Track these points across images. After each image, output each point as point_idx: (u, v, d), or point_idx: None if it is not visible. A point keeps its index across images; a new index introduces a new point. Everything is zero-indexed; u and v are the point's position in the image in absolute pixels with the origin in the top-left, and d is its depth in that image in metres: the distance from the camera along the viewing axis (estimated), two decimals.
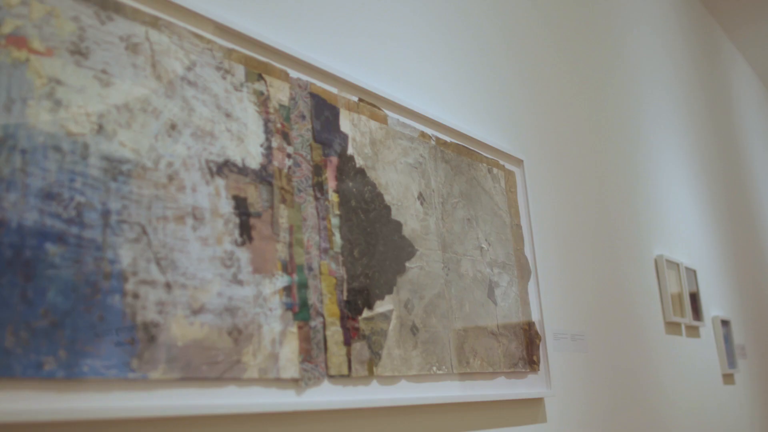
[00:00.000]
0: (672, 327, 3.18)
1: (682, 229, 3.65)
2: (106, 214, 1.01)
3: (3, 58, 0.94)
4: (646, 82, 3.66)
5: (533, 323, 2.01)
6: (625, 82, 3.36)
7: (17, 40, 0.96)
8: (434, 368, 1.57)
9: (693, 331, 3.43)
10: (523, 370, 1.91)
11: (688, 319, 3.27)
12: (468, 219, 1.85)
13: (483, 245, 1.88)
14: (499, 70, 2.29)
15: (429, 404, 1.56)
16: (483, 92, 2.16)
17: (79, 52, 1.04)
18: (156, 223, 1.07)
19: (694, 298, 3.44)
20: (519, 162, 2.16)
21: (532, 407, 1.97)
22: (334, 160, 1.45)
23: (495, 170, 2.03)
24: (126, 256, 1.02)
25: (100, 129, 1.03)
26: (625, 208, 3.01)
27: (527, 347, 1.95)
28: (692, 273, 3.47)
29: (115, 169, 1.04)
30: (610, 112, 3.11)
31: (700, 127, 4.49)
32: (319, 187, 1.39)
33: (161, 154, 1.11)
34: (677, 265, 3.31)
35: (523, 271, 2.04)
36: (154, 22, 1.16)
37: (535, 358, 1.97)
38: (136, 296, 1.02)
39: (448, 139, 1.85)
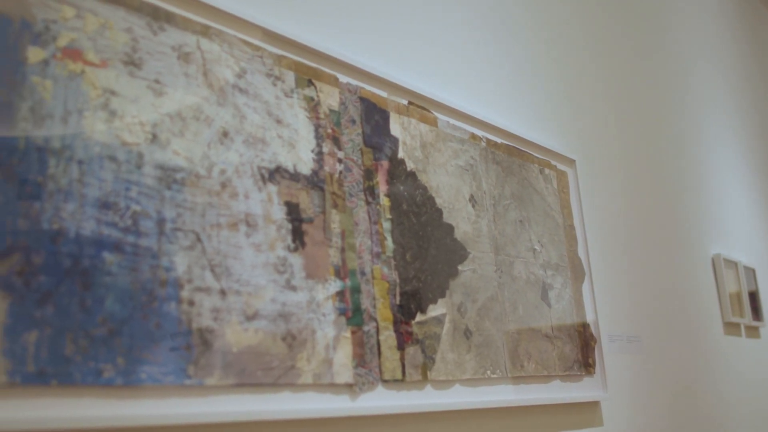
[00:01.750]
0: (731, 328, 3.11)
1: (740, 226, 3.57)
2: (161, 222, 1.02)
3: (59, 70, 0.96)
4: (700, 75, 3.59)
5: (588, 325, 1.99)
6: (677, 75, 3.30)
7: (73, 52, 0.98)
8: (488, 372, 1.56)
9: (753, 332, 3.35)
10: (579, 373, 1.88)
11: (748, 319, 3.20)
12: (520, 220, 1.83)
13: (536, 247, 1.86)
14: (549, 70, 2.27)
15: (483, 408, 1.55)
16: (533, 93, 2.14)
17: (132, 63, 1.05)
18: (210, 231, 1.08)
19: (754, 297, 3.36)
20: (571, 162, 2.14)
21: (588, 411, 1.94)
22: (385, 163, 1.45)
23: (547, 171, 2.01)
24: (181, 263, 1.03)
25: (154, 138, 1.05)
26: (681, 205, 2.95)
27: (582, 350, 1.93)
28: (751, 272, 3.39)
29: (169, 177, 1.05)
30: (663, 107, 3.06)
31: (758, 120, 4.39)
32: (371, 191, 1.39)
33: (214, 162, 1.12)
34: (735, 263, 3.23)
35: (577, 272, 2.02)
36: (204, 31, 1.17)
37: (590, 360, 1.95)
38: (191, 303, 1.03)
39: (498, 140, 1.84)
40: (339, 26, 1.50)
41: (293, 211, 1.22)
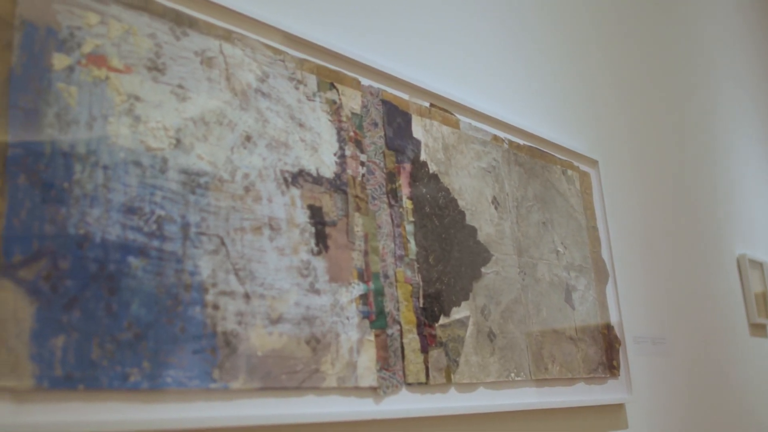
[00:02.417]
0: (757, 329, 3.08)
1: (765, 226, 3.53)
2: (185, 226, 1.03)
3: (84, 77, 0.97)
4: (724, 72, 3.56)
5: (612, 327, 1.97)
6: (701, 73, 3.28)
7: (97, 58, 0.99)
8: (512, 374, 1.55)
9: None
10: (603, 376, 1.87)
11: None
12: (543, 222, 1.82)
13: (559, 248, 1.85)
14: (571, 70, 2.26)
15: (508, 411, 1.54)
16: (555, 94, 2.13)
17: (156, 68, 1.06)
18: (234, 235, 1.09)
19: None
20: (594, 163, 2.13)
21: (613, 413, 1.93)
22: (407, 166, 1.45)
23: (569, 172, 2.00)
24: (205, 267, 1.04)
25: (178, 143, 1.05)
26: (705, 205, 2.92)
27: (606, 352, 1.91)
28: None
29: (193, 182, 1.05)
30: (687, 107, 3.03)
31: None
32: (393, 194, 1.39)
33: (237, 166, 1.12)
34: (761, 264, 3.20)
35: (601, 274, 2.00)
36: (227, 36, 1.18)
37: (614, 362, 1.93)
38: (216, 307, 1.03)
39: (521, 141, 1.83)
40: (360, 29, 1.50)
41: (316, 215, 1.22)
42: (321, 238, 1.22)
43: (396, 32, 1.60)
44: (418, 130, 1.50)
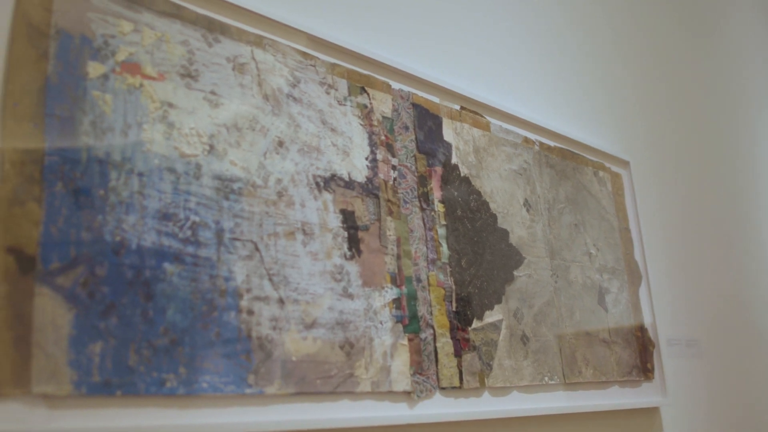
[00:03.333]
0: None
1: None
2: (219, 232, 1.03)
3: (119, 84, 0.97)
4: (756, 72, 3.51)
5: (646, 329, 1.95)
6: (732, 72, 3.24)
7: (131, 66, 0.99)
8: (546, 378, 1.54)
9: None
10: (637, 379, 1.85)
11: None
12: (575, 224, 1.81)
13: (591, 251, 1.84)
14: (600, 71, 2.24)
15: (542, 415, 1.53)
16: (585, 94, 2.11)
17: (189, 75, 1.06)
18: (267, 240, 1.09)
19: None
20: (625, 164, 2.11)
21: (648, 417, 1.91)
22: (439, 169, 1.44)
23: (601, 173, 1.98)
24: (240, 273, 1.04)
25: (211, 149, 1.05)
26: (739, 204, 2.89)
27: (640, 354, 1.89)
28: None
29: (227, 188, 1.06)
30: (718, 105, 3.00)
31: None
32: (425, 197, 1.39)
33: (270, 171, 1.13)
34: None
35: (634, 275, 1.99)
36: (258, 42, 1.18)
37: (649, 365, 1.91)
38: (250, 312, 1.03)
39: (551, 143, 1.82)
40: (391, 33, 1.50)
41: (349, 219, 1.22)
42: (354, 243, 1.22)
43: (426, 36, 1.59)
44: (448, 133, 1.50)
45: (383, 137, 1.34)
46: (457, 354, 1.35)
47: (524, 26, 1.94)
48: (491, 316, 1.45)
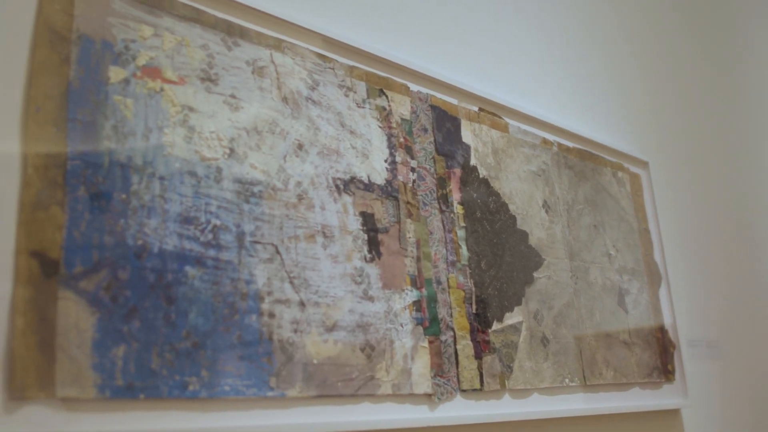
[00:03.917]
0: None
1: None
2: (240, 235, 1.03)
3: (140, 89, 0.98)
4: None
5: (666, 331, 1.94)
6: (752, 72, 3.21)
7: (152, 71, 1.00)
8: (566, 380, 1.53)
9: None
10: (658, 380, 1.84)
11: None
12: (594, 225, 1.80)
13: (611, 252, 1.83)
14: (618, 71, 2.23)
15: (563, 417, 1.52)
16: (603, 95, 2.10)
17: (209, 79, 1.06)
18: (288, 243, 1.09)
19: None
20: (644, 164, 2.09)
21: (669, 419, 1.90)
22: (458, 171, 1.44)
23: (620, 174, 1.97)
24: (261, 276, 1.04)
25: (232, 153, 1.06)
26: (759, 204, 2.86)
27: (661, 356, 1.88)
28: None
29: (247, 191, 1.06)
30: (738, 105, 2.98)
31: None
32: (444, 199, 1.38)
33: (290, 174, 1.13)
34: None
35: (653, 276, 1.97)
36: (277, 45, 1.18)
37: (669, 367, 1.90)
38: (272, 315, 1.03)
39: (570, 144, 1.81)
40: (409, 35, 1.50)
41: (368, 222, 1.22)
42: (374, 245, 1.22)
43: (444, 38, 1.59)
44: (467, 134, 1.49)
45: (402, 139, 1.34)
46: (478, 356, 1.34)
47: (542, 28, 1.93)
48: (511, 318, 1.45)
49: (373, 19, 1.43)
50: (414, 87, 1.41)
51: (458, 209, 1.41)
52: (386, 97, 1.34)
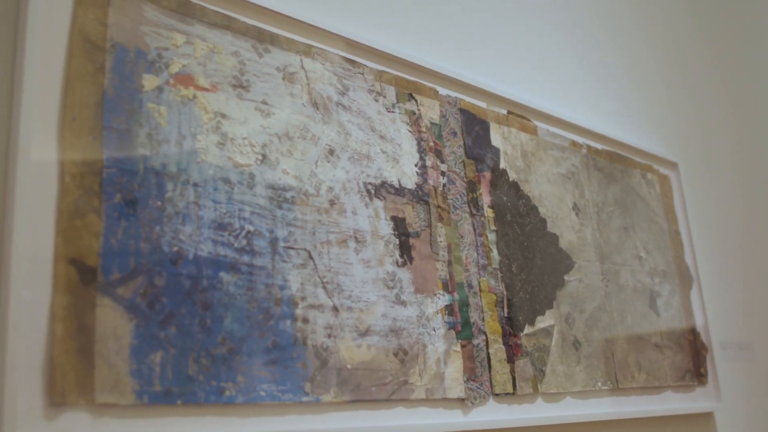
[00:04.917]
0: None
1: None
2: (273, 241, 1.03)
3: (173, 96, 0.98)
4: None
5: (698, 333, 1.92)
6: None
7: (184, 78, 1.00)
8: (599, 383, 1.52)
9: None
10: (691, 383, 1.82)
11: None
12: (624, 227, 1.79)
13: (641, 254, 1.81)
14: (646, 72, 2.21)
15: (595, 421, 1.51)
16: (631, 97, 2.09)
17: (240, 86, 1.07)
18: (320, 248, 1.09)
19: None
20: (674, 165, 2.08)
21: (702, 422, 1.88)
22: (487, 175, 1.43)
23: (649, 175, 1.96)
24: (294, 281, 1.04)
25: (264, 159, 1.06)
26: None
27: (693, 359, 1.87)
28: None
29: (280, 197, 1.06)
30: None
31: None
32: (474, 203, 1.38)
33: (322, 180, 1.13)
34: None
35: (684, 278, 1.96)
36: (307, 51, 1.18)
37: (702, 370, 1.88)
38: (306, 321, 1.04)
39: (599, 146, 1.80)
40: (437, 39, 1.50)
41: (400, 226, 1.22)
42: (405, 250, 1.22)
43: (472, 41, 1.59)
44: (496, 137, 1.49)
45: (432, 143, 1.34)
46: (510, 360, 1.34)
47: (569, 31, 1.93)
48: (543, 322, 1.44)
49: (402, 23, 1.43)
50: (443, 91, 1.41)
51: (488, 213, 1.40)
52: (415, 101, 1.34)
